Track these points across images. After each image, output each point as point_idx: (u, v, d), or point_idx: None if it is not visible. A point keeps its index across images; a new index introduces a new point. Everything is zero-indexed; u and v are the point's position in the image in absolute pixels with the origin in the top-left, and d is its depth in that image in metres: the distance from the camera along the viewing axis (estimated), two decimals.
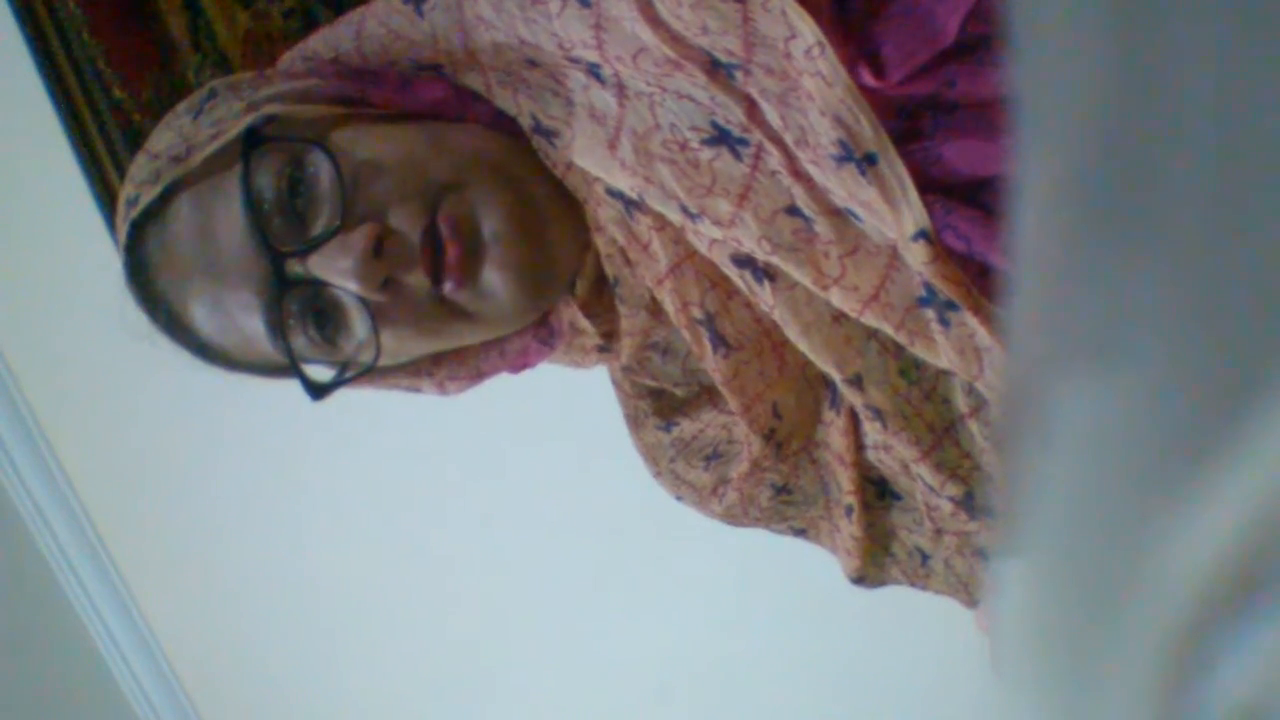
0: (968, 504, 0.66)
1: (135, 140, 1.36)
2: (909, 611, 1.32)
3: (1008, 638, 0.22)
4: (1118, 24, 0.19)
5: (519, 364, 0.70)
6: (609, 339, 0.68)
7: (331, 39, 0.66)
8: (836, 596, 1.39)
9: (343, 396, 0.65)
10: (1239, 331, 0.17)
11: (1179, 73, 0.18)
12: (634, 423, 0.75)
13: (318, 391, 0.63)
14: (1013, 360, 0.22)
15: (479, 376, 0.70)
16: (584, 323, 0.67)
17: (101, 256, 1.45)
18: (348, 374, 0.64)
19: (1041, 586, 0.21)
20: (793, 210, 0.60)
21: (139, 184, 0.63)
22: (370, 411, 1.38)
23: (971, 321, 0.59)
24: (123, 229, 0.64)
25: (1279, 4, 0.16)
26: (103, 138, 1.39)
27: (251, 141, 0.59)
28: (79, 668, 1.80)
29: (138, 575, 1.78)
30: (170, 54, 1.33)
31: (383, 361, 0.63)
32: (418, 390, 0.70)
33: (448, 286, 0.61)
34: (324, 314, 0.62)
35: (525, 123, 0.63)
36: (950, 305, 0.59)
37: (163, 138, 0.64)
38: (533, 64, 0.63)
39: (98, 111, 1.37)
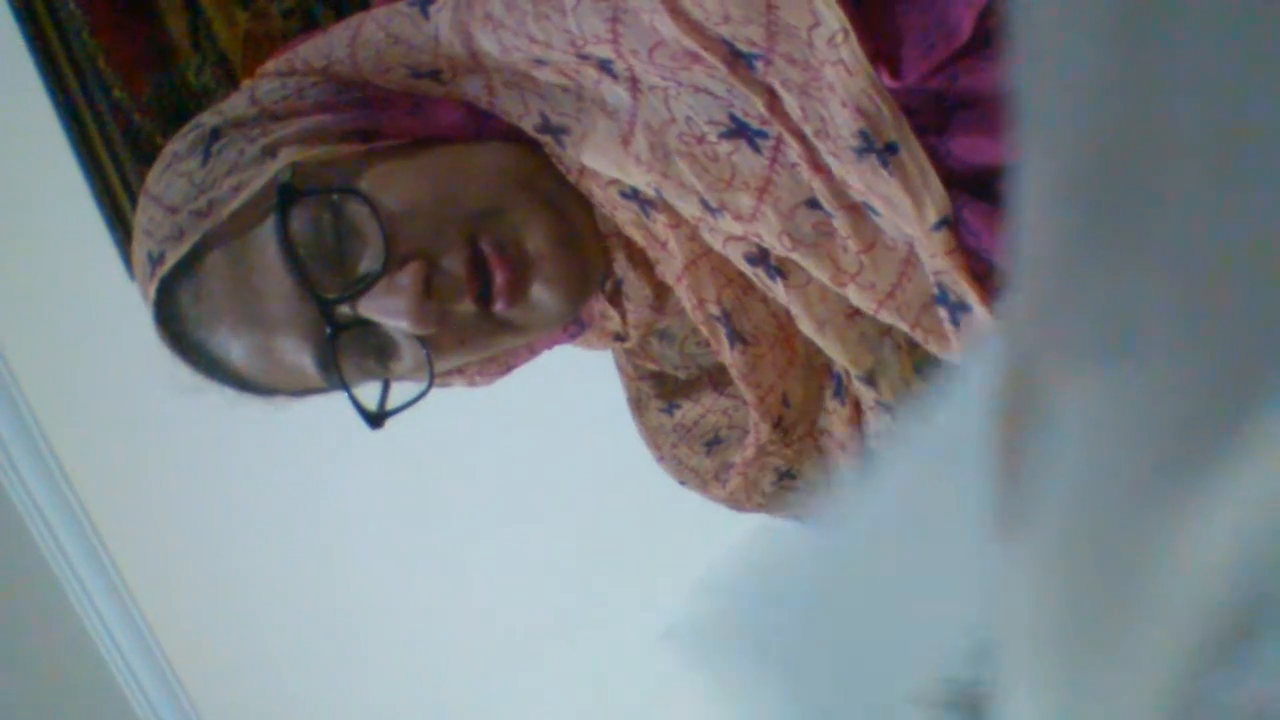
0: None
1: (135, 140, 1.36)
2: None
3: (1010, 637, 0.22)
4: (1117, 24, 0.19)
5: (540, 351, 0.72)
6: (624, 327, 0.70)
7: (324, 47, 0.66)
8: None
9: (340, 397, 0.65)
10: (1238, 332, 0.17)
11: (1177, 74, 0.18)
12: (637, 405, 0.76)
13: (375, 421, 0.65)
14: (1012, 359, 0.22)
15: (507, 370, 0.72)
16: (612, 313, 0.69)
17: (101, 257, 1.45)
18: (402, 403, 0.66)
19: (1044, 590, 0.21)
20: (813, 204, 0.60)
21: (160, 240, 0.62)
22: None
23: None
24: (150, 286, 0.63)
25: (1276, 6, 0.16)
26: (103, 138, 1.39)
27: (285, 195, 0.59)
28: (79, 668, 1.80)
29: (138, 575, 1.78)
30: (170, 54, 1.33)
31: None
32: (447, 386, 0.71)
33: (499, 306, 0.61)
34: (375, 347, 0.63)
35: (533, 123, 0.63)
36: (962, 306, 0.59)
37: (173, 185, 0.62)
38: (541, 63, 0.62)
39: (98, 112, 1.37)
